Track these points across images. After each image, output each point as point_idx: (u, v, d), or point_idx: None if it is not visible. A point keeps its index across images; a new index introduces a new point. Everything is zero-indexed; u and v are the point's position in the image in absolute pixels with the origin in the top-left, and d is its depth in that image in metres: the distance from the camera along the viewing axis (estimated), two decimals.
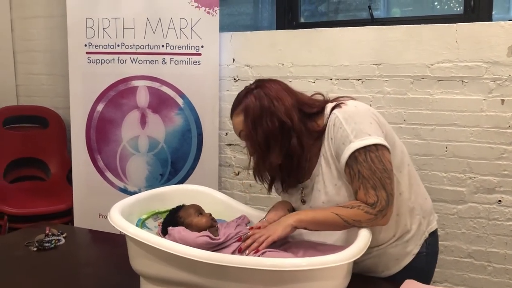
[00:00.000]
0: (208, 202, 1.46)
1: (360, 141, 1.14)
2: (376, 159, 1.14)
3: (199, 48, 2.53)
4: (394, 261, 1.32)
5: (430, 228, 1.36)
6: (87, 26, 2.58)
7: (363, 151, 1.14)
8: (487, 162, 2.17)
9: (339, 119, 1.18)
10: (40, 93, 3.21)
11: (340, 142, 1.17)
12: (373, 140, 1.14)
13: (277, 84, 1.26)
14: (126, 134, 2.64)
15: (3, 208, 2.67)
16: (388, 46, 2.26)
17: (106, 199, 2.57)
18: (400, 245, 1.31)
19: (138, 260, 1.18)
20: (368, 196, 1.14)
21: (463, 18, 2.27)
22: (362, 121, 1.17)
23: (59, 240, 1.60)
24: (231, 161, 2.71)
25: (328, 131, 1.21)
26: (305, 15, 2.81)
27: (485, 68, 2.12)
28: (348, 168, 1.16)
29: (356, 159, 1.14)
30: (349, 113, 1.18)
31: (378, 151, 1.15)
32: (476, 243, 2.24)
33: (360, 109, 1.20)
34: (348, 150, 1.15)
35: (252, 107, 1.21)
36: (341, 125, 1.17)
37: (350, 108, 1.20)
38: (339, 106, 1.21)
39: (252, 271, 1.01)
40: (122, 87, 2.60)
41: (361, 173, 1.14)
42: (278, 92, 1.23)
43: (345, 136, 1.16)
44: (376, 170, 1.14)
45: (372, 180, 1.14)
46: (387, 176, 1.15)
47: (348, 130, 1.16)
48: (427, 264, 1.36)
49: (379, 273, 1.34)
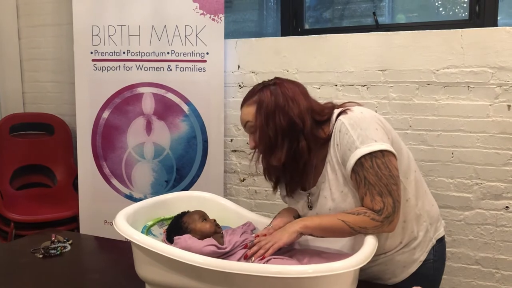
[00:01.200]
0: (214, 208, 1.46)
1: (366, 147, 1.13)
2: (382, 165, 1.13)
3: (204, 55, 2.53)
4: (401, 268, 1.31)
5: (438, 234, 1.35)
6: (93, 34, 2.60)
7: (369, 157, 1.13)
8: (494, 168, 2.15)
9: (345, 125, 1.17)
10: (46, 100, 3.24)
11: (346, 148, 1.17)
12: (379, 146, 1.13)
13: (296, 86, 1.26)
14: (132, 141, 2.64)
15: (9, 215, 2.68)
16: (393, 52, 2.26)
17: (111, 206, 2.57)
18: (407, 252, 1.30)
19: (144, 267, 1.18)
20: (374, 202, 1.14)
21: (469, 24, 2.26)
22: (368, 127, 1.16)
23: (65, 247, 1.60)
24: (236, 168, 2.71)
25: (334, 137, 1.21)
26: (310, 22, 2.81)
27: (491, 74, 2.11)
28: (354, 174, 1.16)
29: (362, 165, 1.14)
30: (355, 119, 1.17)
31: (384, 157, 1.14)
32: (483, 250, 2.22)
33: (366, 115, 1.19)
34: (354, 156, 1.14)
35: (267, 101, 1.21)
36: (347, 131, 1.16)
37: (356, 114, 1.19)
38: (345, 112, 1.21)
39: (258, 278, 1.01)
40: (128, 94, 2.61)
41: (367, 179, 1.13)
42: (295, 93, 1.22)
43: (351, 142, 1.15)
44: (382, 176, 1.13)
45: (378, 187, 1.13)
46: (393, 182, 1.14)
47: (354, 136, 1.15)
48: (435, 271, 1.35)
49: (386, 280, 1.33)
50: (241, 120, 1.28)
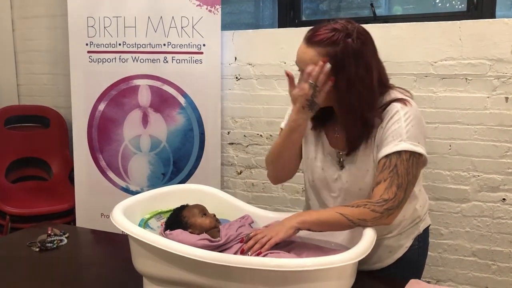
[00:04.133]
0: (211, 201, 1.45)
1: (412, 144, 1.16)
2: (416, 165, 1.18)
3: (201, 47, 2.52)
4: (387, 254, 1.34)
5: (424, 224, 1.40)
6: (88, 25, 2.57)
7: (410, 153, 1.17)
8: (491, 160, 2.16)
9: (400, 114, 1.19)
10: (41, 92, 3.21)
11: (390, 134, 1.18)
12: (421, 150, 1.18)
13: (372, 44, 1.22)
14: (128, 134, 2.63)
15: (5, 208, 2.67)
16: (391, 44, 2.25)
17: (108, 198, 2.57)
18: (393, 238, 1.33)
19: (141, 260, 1.17)
20: (388, 190, 1.16)
21: (466, 15, 2.25)
22: (418, 127, 1.19)
23: (62, 240, 1.60)
24: (234, 160, 2.70)
25: (383, 119, 1.21)
26: (306, 13, 2.79)
27: (489, 66, 2.10)
28: (386, 159, 1.17)
29: (400, 155, 1.16)
30: (410, 114, 1.19)
31: (419, 160, 1.19)
32: (480, 242, 2.23)
33: (419, 116, 1.22)
34: (397, 146, 1.16)
35: (350, 64, 1.15)
36: (399, 121, 1.18)
37: (413, 109, 1.21)
38: (403, 102, 1.21)
39: (257, 271, 1.00)
40: (124, 86, 2.59)
41: (397, 168, 1.16)
42: (374, 56, 1.21)
43: (398, 132, 1.17)
44: (411, 173, 1.17)
45: (402, 179, 1.16)
46: (413, 184, 1.20)
47: (404, 129, 1.17)
48: (419, 256, 1.40)
49: (372, 265, 1.35)
50: (299, 59, 1.21)
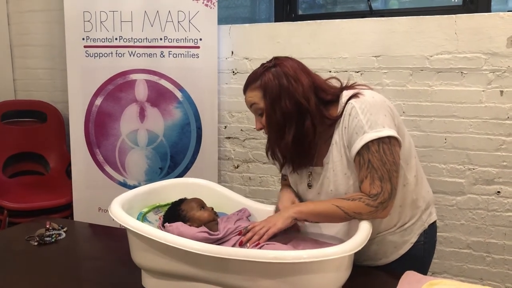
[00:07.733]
0: (208, 195, 1.46)
1: (375, 132, 1.15)
2: (388, 151, 1.15)
3: (198, 41, 2.51)
4: (392, 249, 1.34)
5: (430, 219, 1.37)
6: (84, 20, 2.56)
7: (376, 142, 1.15)
8: (486, 153, 2.17)
9: (356, 109, 1.18)
10: (38, 87, 3.20)
11: (353, 132, 1.18)
12: (387, 132, 1.15)
13: (295, 63, 1.26)
14: (125, 128, 2.63)
15: (2, 203, 2.67)
16: (387, 38, 2.26)
17: (105, 193, 2.58)
18: (399, 233, 1.32)
19: (139, 254, 1.18)
20: (373, 186, 1.15)
21: (462, 9, 2.26)
22: (377, 112, 1.17)
23: (60, 234, 1.61)
24: (231, 154, 2.71)
25: (343, 120, 1.22)
26: (303, 7, 2.79)
27: (484, 60, 2.11)
28: (359, 157, 1.17)
29: (369, 148, 1.15)
30: (365, 104, 1.18)
31: (390, 143, 1.16)
32: (475, 234, 2.25)
33: (377, 100, 1.20)
34: (362, 140, 1.15)
35: (271, 85, 1.21)
36: (357, 115, 1.17)
37: (367, 98, 1.20)
38: (357, 96, 1.21)
39: (253, 263, 1.01)
40: (121, 81, 2.59)
41: (371, 163, 1.15)
42: (296, 71, 1.23)
43: (360, 126, 1.17)
44: (386, 162, 1.15)
45: (380, 171, 1.15)
46: (395, 169, 1.16)
47: (363, 121, 1.16)
48: (425, 252, 1.38)
49: (377, 261, 1.35)
50: (246, 103, 1.28)
